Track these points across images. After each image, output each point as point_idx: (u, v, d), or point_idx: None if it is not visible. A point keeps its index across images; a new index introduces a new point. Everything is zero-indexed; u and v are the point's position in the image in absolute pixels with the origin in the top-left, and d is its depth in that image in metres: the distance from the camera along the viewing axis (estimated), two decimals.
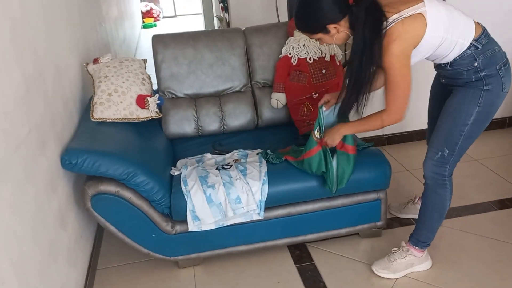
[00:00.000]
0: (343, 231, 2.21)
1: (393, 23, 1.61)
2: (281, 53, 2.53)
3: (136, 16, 8.02)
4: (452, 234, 2.30)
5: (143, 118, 2.21)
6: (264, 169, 2.05)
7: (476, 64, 1.69)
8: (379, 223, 2.25)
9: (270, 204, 2.05)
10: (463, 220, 2.40)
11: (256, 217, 2.02)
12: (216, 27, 5.66)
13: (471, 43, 1.68)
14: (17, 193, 1.40)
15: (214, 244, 2.11)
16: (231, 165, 2.11)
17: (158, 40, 2.54)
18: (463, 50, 1.68)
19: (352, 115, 1.85)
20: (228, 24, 4.35)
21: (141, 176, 1.88)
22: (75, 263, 1.93)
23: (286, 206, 2.10)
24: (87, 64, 2.31)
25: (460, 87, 1.76)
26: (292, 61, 2.45)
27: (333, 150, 2.01)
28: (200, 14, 7.40)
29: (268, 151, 2.21)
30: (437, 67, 1.85)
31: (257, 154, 2.20)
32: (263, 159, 2.14)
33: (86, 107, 2.28)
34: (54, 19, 2.06)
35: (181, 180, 2.00)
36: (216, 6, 5.44)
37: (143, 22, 9.06)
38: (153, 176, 1.93)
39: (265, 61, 2.59)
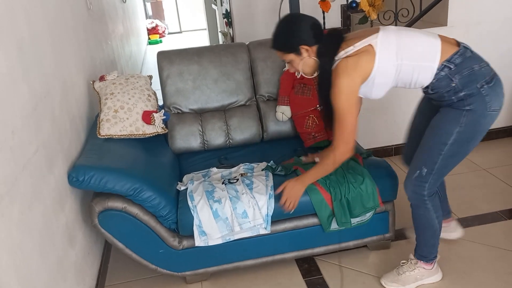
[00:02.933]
0: (351, 243, 2.19)
1: (340, 59, 1.69)
2: (285, 66, 2.54)
3: (142, 33, 8.12)
4: (462, 244, 2.27)
5: (149, 134, 2.22)
6: (270, 182, 2.05)
7: (453, 85, 1.66)
8: (387, 235, 2.23)
9: (277, 217, 2.04)
10: (472, 231, 2.37)
11: (263, 232, 2.02)
12: (220, 42, 5.72)
13: (443, 64, 1.65)
14: (25, 210, 1.41)
15: (222, 259, 2.10)
16: (237, 179, 2.11)
17: (163, 57, 2.57)
18: (436, 73, 1.66)
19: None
20: (232, 38, 4.39)
21: (148, 191, 1.89)
22: (83, 280, 1.93)
23: (292, 219, 2.09)
24: (93, 81, 2.34)
25: (445, 107, 1.74)
26: (296, 74, 2.47)
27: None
28: (205, 29, 7.48)
29: (272, 164, 2.21)
30: (423, 91, 1.83)
31: (262, 170, 2.20)
32: (269, 173, 2.14)
33: (93, 124, 2.31)
34: (61, 38, 2.10)
35: (187, 195, 2.01)
36: (220, 22, 5.50)
37: (149, 38, 9.18)
38: (160, 191, 1.94)
39: (270, 74, 2.61)
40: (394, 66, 1.67)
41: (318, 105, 2.45)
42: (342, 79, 1.65)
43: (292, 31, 1.74)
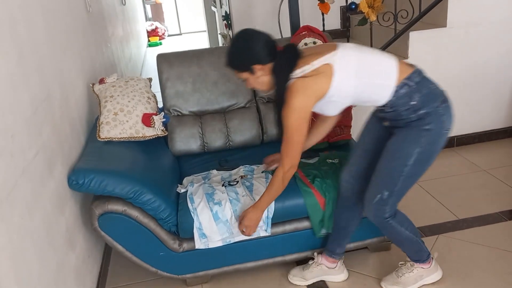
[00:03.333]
0: (352, 245, 2.19)
1: (295, 78, 1.65)
2: None
3: (141, 35, 8.13)
4: (462, 246, 2.27)
5: (149, 136, 2.22)
6: None
7: (413, 103, 1.64)
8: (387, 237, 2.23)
9: (277, 219, 2.05)
10: (473, 232, 2.37)
11: (263, 234, 2.02)
12: (220, 44, 5.72)
13: (402, 82, 1.63)
14: (25, 214, 1.41)
15: (222, 261, 2.10)
16: (238, 181, 2.11)
17: (163, 59, 2.57)
18: (395, 91, 1.64)
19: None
20: None
21: (148, 194, 1.89)
22: (83, 284, 1.93)
23: (292, 221, 2.09)
24: (93, 84, 2.34)
25: (402, 128, 1.71)
26: None
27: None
28: (205, 31, 7.49)
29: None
30: (378, 111, 1.78)
31: (262, 172, 2.20)
32: (269, 175, 2.14)
33: (93, 127, 2.31)
34: (60, 41, 2.10)
35: (188, 198, 2.01)
36: (220, 24, 5.51)
37: (149, 40, 9.19)
38: (160, 194, 1.94)
39: None
40: (353, 86, 1.65)
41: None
42: (296, 98, 1.62)
43: (245, 50, 1.70)
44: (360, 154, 1.93)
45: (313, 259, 2.13)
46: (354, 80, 1.64)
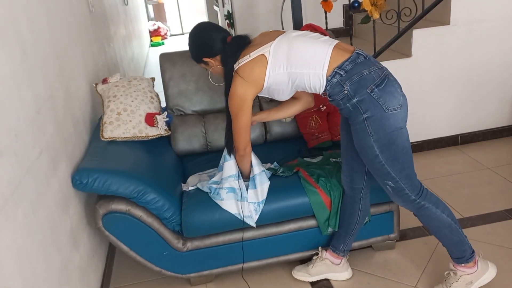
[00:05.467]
0: (356, 244, 2.18)
1: (237, 67, 1.76)
2: None
3: (144, 35, 8.14)
4: None
5: (152, 136, 2.22)
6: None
7: (345, 92, 1.66)
8: (392, 235, 2.22)
9: (281, 218, 2.05)
10: (477, 230, 2.36)
11: (250, 222, 1.99)
12: None
13: (334, 71, 1.66)
14: (29, 214, 1.41)
15: (226, 260, 2.10)
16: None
17: (166, 59, 2.57)
18: (328, 80, 1.67)
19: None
20: None
21: (152, 193, 1.89)
22: (88, 283, 1.93)
23: (297, 220, 2.08)
24: (96, 84, 2.34)
25: (352, 127, 1.73)
26: None
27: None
28: None
29: (275, 166, 2.20)
30: (329, 101, 1.80)
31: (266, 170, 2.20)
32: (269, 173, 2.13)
33: (96, 126, 2.31)
34: (63, 41, 2.10)
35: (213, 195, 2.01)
36: (222, 23, 5.51)
37: (151, 40, 9.19)
38: (163, 193, 1.94)
39: None
40: (285, 75, 1.72)
41: (321, 106, 2.44)
42: (235, 85, 1.74)
43: (195, 44, 1.86)
44: (343, 153, 1.96)
45: (317, 254, 2.12)
46: (285, 69, 1.71)
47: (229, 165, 1.99)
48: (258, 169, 2.00)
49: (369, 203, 2.03)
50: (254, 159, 2.00)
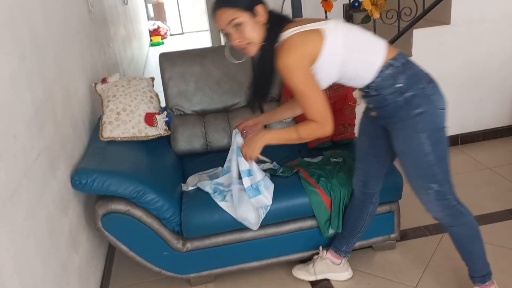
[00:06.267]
0: (356, 244, 2.17)
1: (291, 33, 1.53)
2: None
3: (143, 35, 8.13)
4: None
5: (151, 136, 2.22)
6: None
7: (398, 85, 1.57)
8: (392, 235, 2.22)
9: (281, 218, 2.04)
10: None
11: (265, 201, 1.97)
12: (222, 43, 5.71)
13: (388, 63, 1.57)
14: (28, 215, 1.40)
15: (226, 260, 2.10)
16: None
17: (165, 59, 2.57)
18: (381, 71, 1.57)
19: None
20: None
21: (151, 194, 1.88)
22: (87, 284, 1.92)
23: (297, 220, 2.08)
24: (95, 84, 2.34)
25: (395, 125, 1.64)
26: None
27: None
28: (207, 30, 7.48)
29: (274, 166, 2.20)
30: (364, 95, 1.68)
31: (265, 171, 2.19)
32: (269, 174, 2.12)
33: (95, 126, 2.30)
34: (62, 41, 2.09)
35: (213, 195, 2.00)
36: None
37: (151, 40, 9.18)
38: (163, 194, 1.93)
39: None
40: (340, 56, 1.56)
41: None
42: (290, 56, 1.50)
43: None
44: (361, 158, 1.90)
45: (318, 253, 2.12)
46: (342, 50, 1.55)
47: (236, 164, 1.94)
48: (260, 175, 1.96)
49: (377, 207, 2.01)
50: (255, 165, 1.96)
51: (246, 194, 1.93)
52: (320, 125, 1.58)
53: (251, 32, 1.53)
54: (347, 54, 1.56)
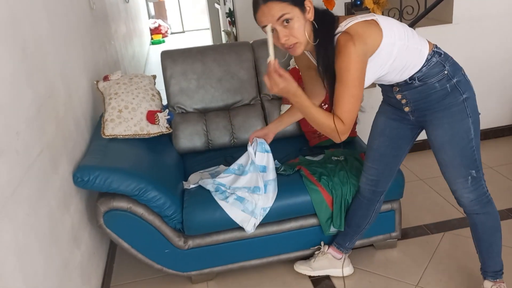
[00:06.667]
0: (358, 242, 2.17)
1: (349, 24, 1.47)
2: (289, 65, 2.53)
3: (144, 33, 8.13)
4: (468, 243, 2.25)
5: (153, 134, 2.22)
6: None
7: (446, 72, 1.60)
8: (393, 234, 2.22)
9: (283, 216, 2.04)
10: None
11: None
12: (223, 41, 5.71)
13: (433, 51, 1.61)
14: (31, 212, 1.40)
15: (227, 258, 2.10)
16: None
17: (167, 56, 2.57)
18: (428, 59, 1.59)
19: None
20: (235, 38, 4.39)
21: (153, 191, 1.89)
22: (89, 281, 1.93)
23: (298, 218, 2.08)
24: (97, 81, 2.34)
25: (438, 114, 1.63)
26: (300, 73, 2.45)
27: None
28: (208, 29, 7.48)
29: (276, 164, 2.20)
30: (402, 89, 1.65)
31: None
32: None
33: (97, 124, 2.30)
34: (64, 39, 2.09)
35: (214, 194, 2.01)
36: (223, 21, 5.50)
37: (152, 38, 9.18)
38: (165, 191, 1.93)
39: None
40: (397, 46, 1.52)
41: (323, 104, 2.43)
42: (355, 46, 1.41)
43: None
44: (376, 159, 1.87)
45: (319, 248, 2.12)
46: (398, 40, 1.53)
47: (248, 179, 1.98)
48: (273, 175, 2.00)
49: (382, 205, 2.01)
50: (271, 164, 1.99)
51: (247, 199, 1.95)
52: (343, 128, 1.48)
53: (300, 29, 1.44)
54: (402, 44, 1.54)
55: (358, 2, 2.90)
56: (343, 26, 1.49)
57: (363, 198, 1.97)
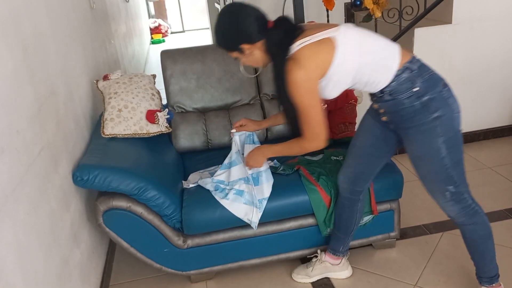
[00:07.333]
0: (356, 242, 2.18)
1: (298, 47, 1.53)
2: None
3: (144, 32, 8.13)
4: None
5: (153, 133, 2.22)
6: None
7: (416, 89, 1.54)
8: (392, 234, 2.22)
9: (281, 216, 2.05)
10: None
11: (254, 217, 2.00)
12: None
13: (404, 66, 1.55)
14: (30, 210, 1.41)
15: (226, 258, 2.10)
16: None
17: (167, 56, 2.57)
18: (397, 75, 1.55)
19: None
20: None
21: (152, 190, 1.89)
22: (88, 280, 1.93)
23: (297, 218, 2.09)
24: (97, 81, 2.34)
25: (410, 130, 1.61)
26: None
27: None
28: (208, 28, 7.48)
29: (275, 163, 2.20)
30: (376, 100, 1.66)
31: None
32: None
33: (97, 123, 2.31)
34: (64, 38, 2.10)
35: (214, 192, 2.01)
36: None
37: (152, 38, 9.19)
38: (164, 190, 1.94)
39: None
40: (355, 64, 1.54)
41: (323, 104, 2.43)
42: (298, 71, 1.49)
43: (232, 29, 1.57)
44: (358, 156, 1.87)
45: (316, 256, 2.12)
46: (356, 56, 1.54)
47: (237, 170, 1.98)
48: (264, 166, 2.00)
49: (364, 203, 2.02)
50: None
51: (247, 192, 1.95)
52: (309, 142, 1.65)
53: (249, 60, 1.63)
54: (362, 60, 1.54)
55: (358, 2, 2.91)
56: (295, 47, 1.53)
57: (344, 199, 1.97)
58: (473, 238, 1.79)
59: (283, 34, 1.56)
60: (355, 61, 1.54)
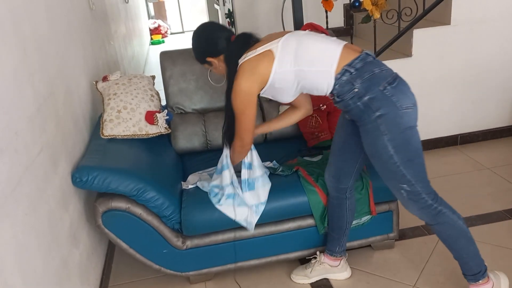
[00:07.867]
0: (355, 243, 2.19)
1: (245, 58, 1.71)
2: None
3: (144, 33, 8.13)
4: None
5: (152, 134, 2.22)
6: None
7: (356, 90, 1.60)
8: (391, 235, 2.22)
9: (280, 217, 2.05)
10: (477, 230, 2.35)
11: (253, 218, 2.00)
12: None
13: (343, 69, 1.61)
14: (30, 211, 1.41)
15: (225, 259, 2.10)
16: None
17: (166, 57, 2.57)
18: (337, 78, 1.62)
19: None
20: None
21: (151, 192, 1.89)
22: (87, 281, 1.93)
23: (296, 219, 2.09)
24: (96, 82, 2.34)
25: (361, 129, 1.67)
26: None
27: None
28: None
29: (274, 165, 2.21)
30: (333, 101, 1.74)
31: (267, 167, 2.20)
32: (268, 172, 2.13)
33: (96, 124, 2.31)
34: (64, 39, 2.10)
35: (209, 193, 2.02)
36: (223, 21, 5.50)
37: (151, 38, 9.18)
38: (163, 191, 1.94)
39: None
40: (292, 72, 1.66)
41: (321, 105, 2.44)
42: (239, 81, 1.69)
43: (199, 44, 1.84)
44: (335, 153, 1.93)
45: (315, 257, 2.12)
46: (292, 66, 1.65)
47: (227, 174, 1.98)
48: (260, 171, 1.99)
49: (355, 201, 2.02)
50: (256, 160, 2.00)
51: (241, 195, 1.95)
52: (236, 140, 1.85)
53: (218, 70, 1.87)
54: (299, 69, 1.66)
55: (357, 4, 2.91)
56: (243, 59, 1.72)
57: (332, 198, 1.99)
58: (443, 237, 1.82)
59: (237, 48, 1.76)
60: (291, 69, 1.66)
